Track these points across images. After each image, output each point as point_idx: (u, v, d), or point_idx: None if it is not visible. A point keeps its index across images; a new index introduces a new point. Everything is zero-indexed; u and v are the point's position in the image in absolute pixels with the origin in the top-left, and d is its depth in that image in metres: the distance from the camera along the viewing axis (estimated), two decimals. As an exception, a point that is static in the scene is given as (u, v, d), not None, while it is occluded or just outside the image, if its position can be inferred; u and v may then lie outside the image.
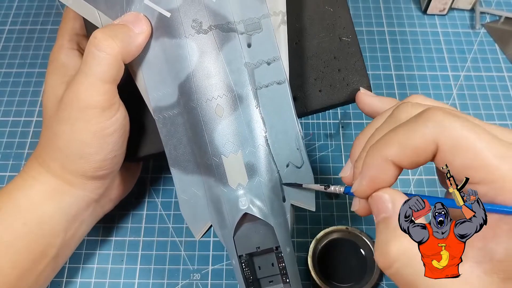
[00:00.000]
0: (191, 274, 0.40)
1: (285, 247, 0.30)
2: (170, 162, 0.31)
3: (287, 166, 0.31)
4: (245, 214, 0.29)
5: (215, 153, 0.29)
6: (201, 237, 0.32)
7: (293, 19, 0.34)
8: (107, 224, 0.42)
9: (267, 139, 0.30)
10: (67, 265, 0.40)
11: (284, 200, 0.31)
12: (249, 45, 0.30)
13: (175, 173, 0.31)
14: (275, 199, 0.30)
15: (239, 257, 0.30)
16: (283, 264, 0.30)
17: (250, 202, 0.29)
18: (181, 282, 0.39)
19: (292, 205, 0.31)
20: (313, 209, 0.31)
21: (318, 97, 0.34)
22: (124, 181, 0.39)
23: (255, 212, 0.29)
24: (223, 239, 0.31)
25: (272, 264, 0.31)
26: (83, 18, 0.32)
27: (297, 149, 0.31)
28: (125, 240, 0.41)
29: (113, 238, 0.41)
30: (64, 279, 0.40)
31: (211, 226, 0.32)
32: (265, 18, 0.30)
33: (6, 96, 0.49)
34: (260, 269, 0.31)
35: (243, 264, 0.30)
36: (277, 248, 0.30)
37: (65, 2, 0.32)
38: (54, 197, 0.33)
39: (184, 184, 0.31)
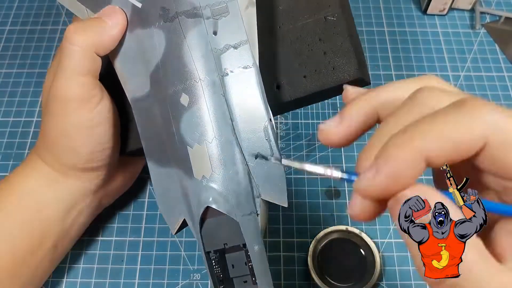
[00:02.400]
0: (191, 274, 0.40)
1: (252, 245, 0.28)
2: (146, 154, 0.31)
3: (256, 157, 0.29)
4: (211, 208, 0.28)
5: (182, 144, 0.29)
6: (177, 232, 0.31)
7: (276, 1, 0.32)
8: (107, 225, 0.42)
9: (233, 129, 0.28)
10: (67, 265, 0.40)
11: (254, 194, 0.29)
12: (215, 30, 0.29)
13: (150, 165, 0.30)
14: (242, 193, 0.28)
15: (207, 253, 0.29)
16: (251, 264, 0.28)
17: (213, 195, 0.28)
18: (181, 282, 0.39)
19: (264, 200, 0.29)
20: (286, 205, 0.29)
21: (303, 84, 0.31)
22: (123, 175, 0.39)
23: (219, 206, 0.28)
24: (194, 234, 0.30)
25: (245, 263, 0.29)
26: None
27: (266, 139, 0.29)
28: (125, 240, 0.41)
29: (113, 239, 0.41)
30: (65, 279, 0.40)
31: (184, 220, 0.30)
32: (232, 1, 0.29)
33: (7, 96, 0.49)
34: (233, 267, 0.29)
35: (213, 261, 0.29)
36: (244, 245, 0.28)
37: (62, 2, 0.33)
38: (51, 185, 0.34)
39: (159, 176, 0.30)
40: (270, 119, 0.29)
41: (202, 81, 0.28)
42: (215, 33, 0.29)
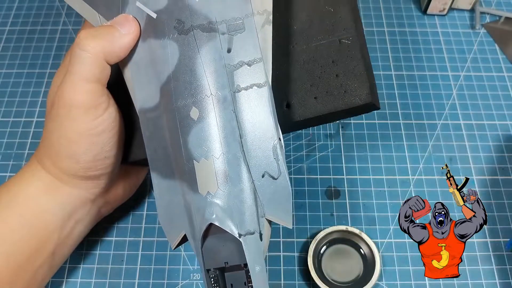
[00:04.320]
0: (191, 274, 0.40)
1: (254, 265, 0.27)
2: (150, 165, 0.30)
3: (263, 176, 0.28)
4: (214, 225, 0.27)
5: (188, 158, 0.28)
6: (176, 247, 0.30)
7: (291, 21, 0.32)
8: (107, 225, 0.42)
9: (242, 146, 0.28)
10: (67, 265, 0.40)
11: (258, 213, 0.28)
12: (230, 48, 0.29)
13: (154, 177, 0.30)
14: (246, 212, 0.28)
15: (207, 271, 0.28)
16: (251, 285, 0.28)
17: (217, 212, 0.27)
18: (181, 282, 0.39)
19: (268, 220, 0.29)
20: (290, 226, 0.29)
21: (313, 105, 0.31)
22: (123, 185, 0.38)
23: (222, 223, 0.27)
24: (195, 250, 0.29)
25: (245, 283, 0.28)
26: None
27: (274, 158, 0.28)
28: (125, 240, 0.41)
29: (113, 239, 0.41)
30: (65, 279, 0.40)
31: (185, 235, 0.30)
32: (248, 18, 0.29)
33: (7, 96, 0.49)
34: (232, 287, 0.28)
35: (212, 279, 0.28)
36: (245, 265, 0.28)
37: (73, 6, 0.33)
38: (49, 192, 0.33)
39: (162, 189, 0.30)
40: (280, 139, 0.29)
41: (213, 96, 0.28)
42: (229, 50, 0.29)
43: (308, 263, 0.38)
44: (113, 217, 0.42)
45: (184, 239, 0.30)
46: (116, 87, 0.32)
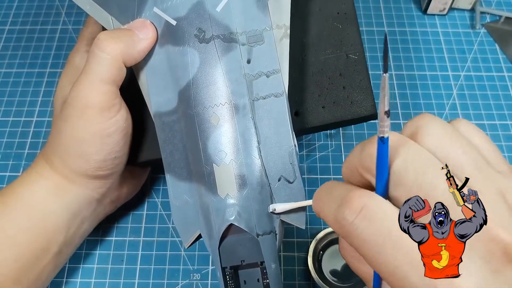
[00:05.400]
0: (191, 274, 0.40)
1: (270, 263, 0.29)
2: (165, 167, 0.31)
3: (279, 180, 0.30)
4: (232, 226, 0.29)
5: (207, 161, 0.29)
6: (190, 245, 0.31)
7: (301, 34, 0.34)
8: (107, 224, 0.42)
9: (260, 151, 0.29)
10: (67, 265, 0.40)
11: (273, 215, 0.30)
12: (249, 59, 0.30)
13: (169, 179, 0.31)
14: (263, 213, 0.29)
15: (223, 269, 0.29)
16: (267, 281, 0.29)
17: (237, 213, 0.29)
18: (181, 282, 0.39)
19: (282, 221, 0.30)
20: (303, 227, 0.30)
21: (321, 114, 0.33)
22: (128, 184, 0.39)
23: (241, 224, 0.28)
24: (210, 249, 0.30)
25: (258, 280, 0.30)
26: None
27: (290, 163, 0.30)
28: (125, 240, 0.41)
29: (113, 238, 0.41)
30: (64, 279, 0.40)
31: (200, 235, 0.31)
32: (267, 31, 0.30)
33: (6, 96, 0.49)
34: (245, 283, 0.30)
35: (227, 277, 0.29)
36: (261, 263, 0.29)
37: (83, 7, 0.33)
38: (57, 193, 0.34)
39: (177, 190, 0.31)
40: (295, 145, 0.30)
41: (233, 103, 0.29)
42: (248, 61, 0.30)
43: (308, 263, 0.38)
44: (113, 217, 0.42)
45: (197, 239, 0.31)
46: (126, 89, 0.33)
